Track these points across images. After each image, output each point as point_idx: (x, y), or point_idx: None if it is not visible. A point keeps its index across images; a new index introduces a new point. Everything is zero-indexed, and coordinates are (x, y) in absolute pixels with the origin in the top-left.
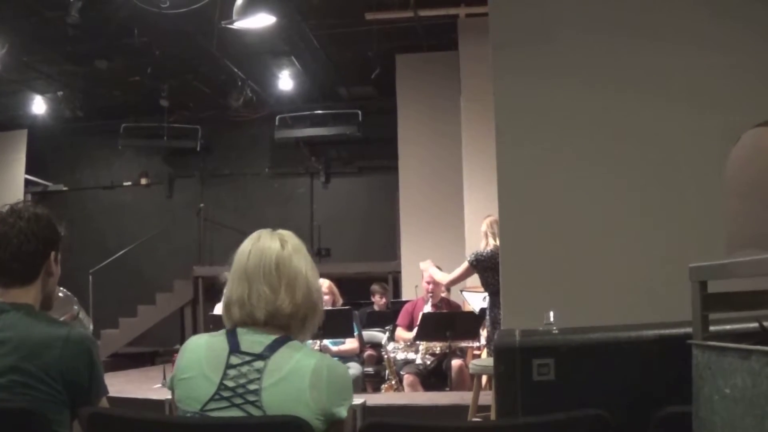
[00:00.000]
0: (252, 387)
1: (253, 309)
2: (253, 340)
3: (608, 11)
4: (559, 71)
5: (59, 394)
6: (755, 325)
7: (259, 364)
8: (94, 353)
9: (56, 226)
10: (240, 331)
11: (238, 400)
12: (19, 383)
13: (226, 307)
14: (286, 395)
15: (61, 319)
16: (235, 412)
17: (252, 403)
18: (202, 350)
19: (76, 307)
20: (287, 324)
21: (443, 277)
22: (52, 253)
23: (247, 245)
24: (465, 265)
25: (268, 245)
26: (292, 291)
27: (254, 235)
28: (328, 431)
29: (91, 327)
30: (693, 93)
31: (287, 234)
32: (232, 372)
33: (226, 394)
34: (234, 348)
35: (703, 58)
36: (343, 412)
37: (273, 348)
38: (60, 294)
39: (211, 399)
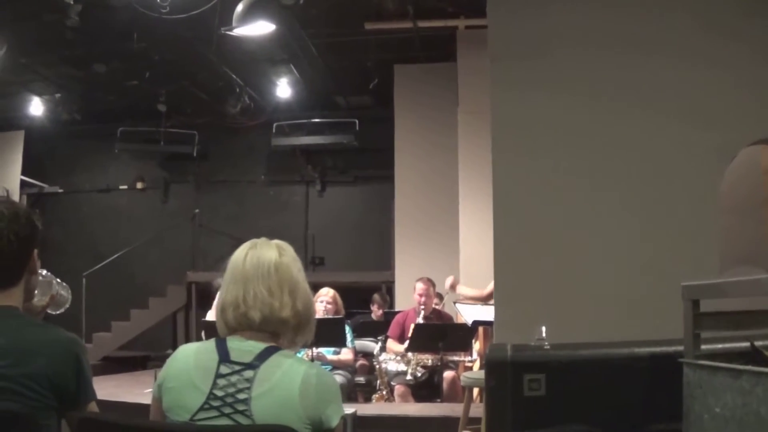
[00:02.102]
0: (241, 396)
1: (249, 310)
2: (242, 350)
3: (605, 27)
4: (556, 86)
5: (47, 399)
6: (747, 344)
7: (249, 373)
8: (82, 358)
9: (34, 220)
10: (230, 339)
11: (228, 410)
12: (7, 389)
13: (221, 311)
14: (275, 404)
15: (43, 302)
16: (224, 422)
17: (241, 412)
18: (191, 359)
19: (54, 285)
20: (279, 331)
21: (477, 293)
22: (34, 251)
23: (242, 251)
24: None
25: (266, 251)
26: (294, 297)
27: (249, 242)
28: None
29: (70, 297)
30: (689, 109)
31: (284, 244)
32: (221, 381)
33: (215, 403)
34: (224, 357)
35: (700, 75)
36: (333, 420)
37: (263, 357)
38: (39, 277)
39: (201, 408)
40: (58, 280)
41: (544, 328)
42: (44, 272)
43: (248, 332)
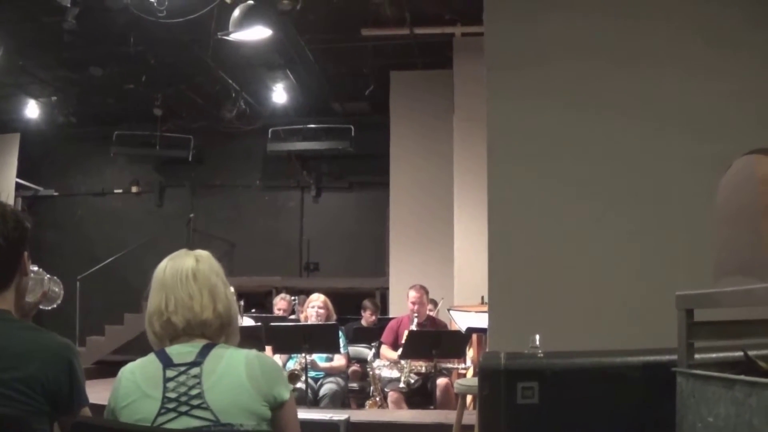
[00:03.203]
0: (194, 392)
1: (171, 315)
2: (182, 352)
3: (603, 37)
4: (552, 95)
5: (40, 404)
6: (741, 354)
7: (195, 370)
8: (75, 363)
9: (23, 221)
10: (168, 348)
11: (185, 408)
12: (0, 394)
13: (148, 322)
14: (227, 391)
15: (35, 298)
16: (185, 420)
17: (198, 406)
18: (136, 374)
19: (46, 281)
20: (204, 334)
21: None
22: (24, 253)
23: (163, 263)
24: None
25: (183, 260)
26: (215, 300)
27: (169, 256)
28: (276, 417)
29: (62, 292)
30: (684, 120)
31: (204, 253)
32: (171, 384)
33: (171, 405)
34: (167, 363)
35: (695, 85)
36: (284, 393)
37: (203, 354)
38: (31, 274)
39: (158, 414)
40: (50, 276)
41: (537, 336)
42: (35, 268)
43: (178, 339)
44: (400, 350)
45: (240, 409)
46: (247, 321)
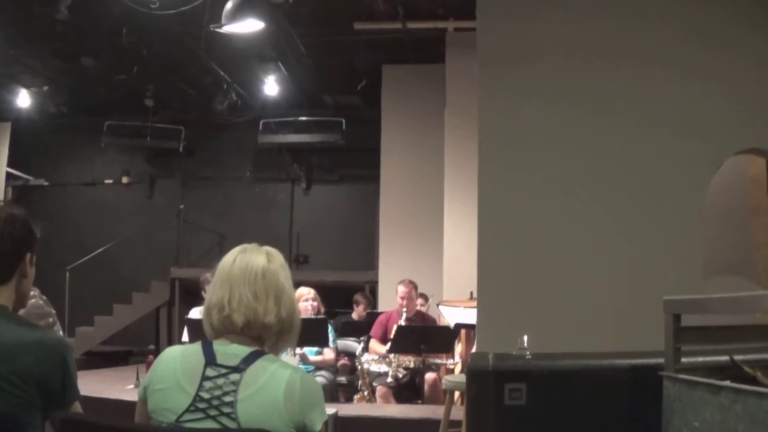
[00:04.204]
0: (227, 399)
1: (232, 313)
2: (228, 353)
3: (595, 37)
4: (543, 93)
5: (32, 398)
6: (727, 358)
7: (235, 376)
8: (68, 359)
9: (32, 227)
10: (216, 343)
11: (213, 412)
12: None
13: (207, 313)
14: (260, 406)
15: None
16: (209, 424)
17: (227, 414)
18: (177, 362)
19: (51, 319)
20: (262, 336)
21: None
22: (27, 255)
23: (231, 255)
24: None
25: (255, 257)
26: (279, 304)
27: (239, 247)
28: None
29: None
30: (676, 119)
31: (274, 251)
32: (207, 384)
33: (201, 405)
34: (210, 360)
35: (687, 86)
36: (316, 424)
37: (248, 361)
38: (41, 301)
39: (186, 410)
40: (55, 318)
41: (526, 337)
42: (43, 299)
43: (232, 336)
44: (388, 345)
45: (267, 429)
46: None
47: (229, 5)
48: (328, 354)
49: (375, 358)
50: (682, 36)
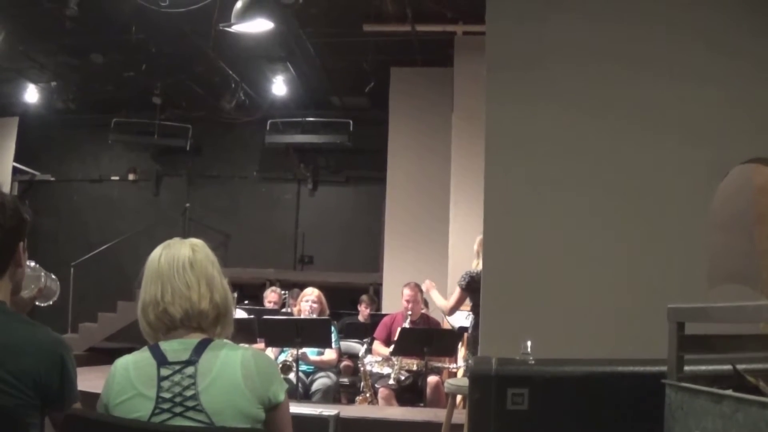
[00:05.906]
0: (189, 393)
1: (168, 306)
2: (177, 349)
3: (603, 42)
4: (551, 98)
5: (30, 398)
6: (730, 367)
7: (190, 369)
8: (67, 360)
9: (22, 212)
10: (162, 343)
11: (179, 409)
12: None
13: (143, 313)
14: (222, 392)
15: (31, 294)
16: (179, 421)
17: (193, 408)
18: (130, 371)
19: (42, 277)
20: (201, 325)
21: (444, 304)
22: (20, 244)
23: (157, 251)
24: (458, 290)
25: (180, 249)
26: (211, 290)
27: (162, 243)
28: (270, 418)
29: (58, 290)
30: (683, 126)
31: (199, 242)
32: (165, 384)
33: (165, 406)
34: (161, 361)
35: (696, 92)
36: (280, 394)
37: (199, 351)
38: (28, 270)
39: (152, 414)
40: (46, 272)
41: (529, 343)
42: (32, 264)
43: (173, 332)
44: (392, 347)
45: (235, 412)
46: (239, 313)
47: (238, 4)
48: (330, 354)
49: (378, 359)
50: (691, 42)
